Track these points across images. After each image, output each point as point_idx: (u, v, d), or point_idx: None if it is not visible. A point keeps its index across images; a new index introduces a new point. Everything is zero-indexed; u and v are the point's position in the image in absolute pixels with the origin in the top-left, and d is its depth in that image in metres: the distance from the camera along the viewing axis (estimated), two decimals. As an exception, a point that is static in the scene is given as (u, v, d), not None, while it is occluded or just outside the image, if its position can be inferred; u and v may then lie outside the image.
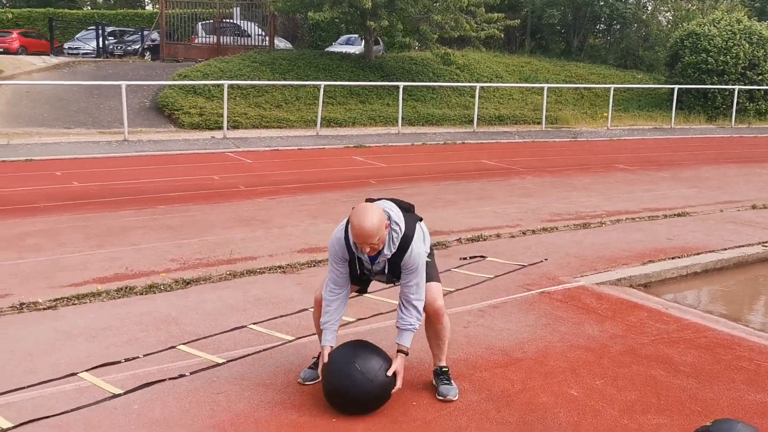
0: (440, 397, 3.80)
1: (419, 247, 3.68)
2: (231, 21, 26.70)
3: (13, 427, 3.44)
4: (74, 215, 8.12)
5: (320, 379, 3.85)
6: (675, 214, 9.00)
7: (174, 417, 3.57)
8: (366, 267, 3.76)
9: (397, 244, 3.62)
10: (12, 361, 4.22)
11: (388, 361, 3.69)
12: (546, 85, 22.16)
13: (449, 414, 3.66)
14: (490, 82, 24.70)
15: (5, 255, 6.51)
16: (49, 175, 10.85)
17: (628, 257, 6.89)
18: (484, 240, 7.46)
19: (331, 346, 3.75)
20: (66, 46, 30.09)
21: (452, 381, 3.89)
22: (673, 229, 8.20)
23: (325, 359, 3.70)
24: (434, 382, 3.92)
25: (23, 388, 3.86)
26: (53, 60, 23.60)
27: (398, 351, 3.72)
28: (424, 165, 13.09)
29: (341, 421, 3.56)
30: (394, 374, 3.66)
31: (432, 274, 3.83)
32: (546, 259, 6.70)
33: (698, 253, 7.12)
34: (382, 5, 20.56)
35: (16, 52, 27.61)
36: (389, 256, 3.65)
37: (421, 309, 3.72)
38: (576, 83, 26.71)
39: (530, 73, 27.90)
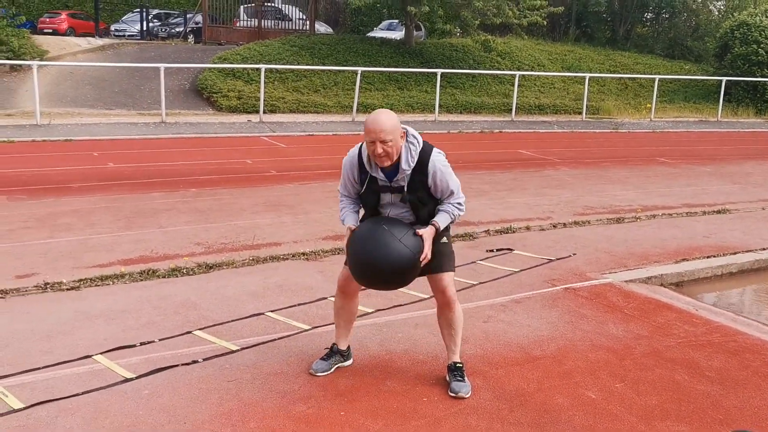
0: (452, 394, 3.72)
1: (440, 157, 3.60)
2: (273, 5, 26.74)
3: (24, 408, 3.47)
4: (106, 196, 8.21)
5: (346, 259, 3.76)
6: (714, 211, 8.72)
7: (182, 404, 3.56)
8: (382, 187, 3.62)
9: (416, 157, 3.52)
10: (31, 340, 4.27)
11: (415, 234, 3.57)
12: (588, 75, 21.72)
13: (460, 411, 3.59)
14: (532, 70, 24.30)
15: (37, 234, 6.61)
16: (86, 155, 11.01)
17: (661, 254, 6.69)
18: (513, 232, 7.32)
19: (355, 226, 3.68)
20: (112, 27, 30.52)
21: (465, 378, 3.81)
22: (711, 226, 7.94)
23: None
24: (447, 377, 3.84)
25: (38, 368, 3.90)
26: (98, 41, 23.93)
27: (429, 224, 3.60)
28: (458, 153, 12.90)
29: (349, 414, 3.51)
30: (420, 244, 3.51)
31: (447, 263, 3.74)
32: (574, 254, 6.54)
33: (735, 253, 6.88)
34: (423, -10, 20.34)
35: (64, 33, 28.08)
36: (409, 171, 3.53)
37: (461, 203, 3.64)
38: (620, 73, 26.13)
39: (573, 61, 27.36)
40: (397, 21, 27.00)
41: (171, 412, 3.48)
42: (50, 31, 28.15)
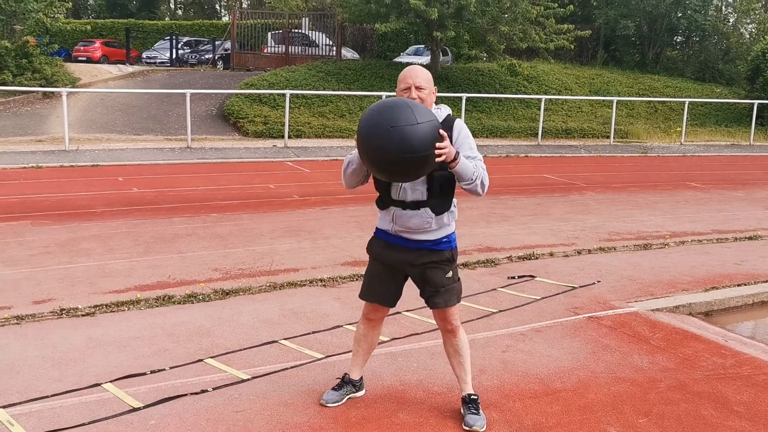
0: (466, 428, 3.58)
1: (465, 127, 3.55)
2: (300, 31, 27.02)
3: (29, 438, 3.41)
4: (128, 221, 8.24)
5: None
6: (746, 237, 8.47)
7: (189, 435, 3.48)
8: None
9: (442, 117, 3.49)
10: (42, 367, 4.23)
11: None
12: (615, 98, 21.49)
13: (474, 447, 3.45)
14: (559, 94, 24.17)
15: (57, 259, 6.63)
16: (111, 180, 11.11)
17: (690, 282, 6.48)
18: (536, 259, 7.17)
19: None
20: (144, 55, 31.14)
21: (480, 410, 3.67)
22: (742, 253, 7.70)
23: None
24: (462, 410, 3.71)
25: (47, 397, 3.85)
26: (128, 69, 24.39)
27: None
28: (482, 178, 12.81)
29: (359, 449, 3.39)
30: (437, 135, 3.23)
31: (452, 298, 3.62)
32: (599, 281, 6.37)
33: (767, 281, 6.64)
34: (449, 16, 20.40)
35: (98, 61, 28.70)
36: None
37: (484, 172, 3.45)
38: (650, 96, 25.86)
39: (601, 85, 27.16)
40: (423, 46, 27.11)
41: (176, 444, 3.40)
42: (84, 58, 28.81)
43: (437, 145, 3.22)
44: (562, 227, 8.76)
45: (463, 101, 18.40)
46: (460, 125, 3.54)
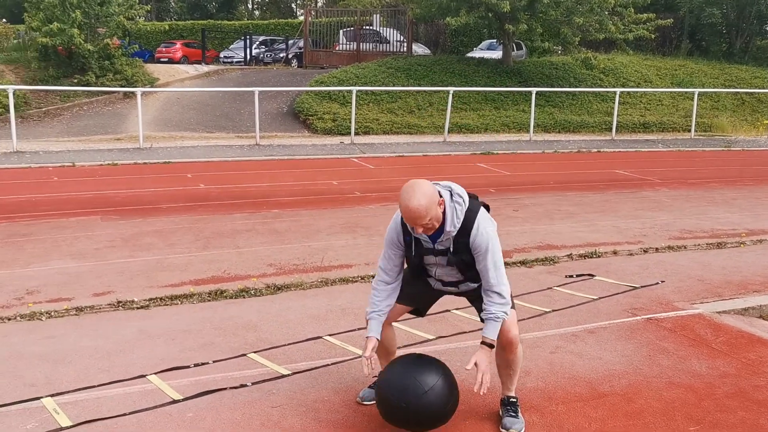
0: (503, 430, 3.47)
1: (487, 224, 3.33)
2: (371, 28, 27.10)
3: (71, 426, 3.50)
4: (191, 216, 8.43)
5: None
6: (830, 236, 7.93)
7: (223, 428, 3.50)
8: (426, 249, 3.41)
9: (461, 218, 3.29)
10: (93, 358, 4.35)
11: (447, 375, 3.36)
12: (697, 90, 20.58)
13: (509, 451, 3.33)
14: (638, 86, 23.35)
15: (120, 253, 6.84)
16: (180, 177, 11.40)
17: (763, 284, 6.11)
18: (598, 257, 6.92)
19: (377, 339, 3.48)
20: (222, 55, 31.94)
21: (519, 413, 3.55)
22: (824, 252, 7.22)
23: (367, 353, 3.41)
24: (500, 411, 3.59)
25: (93, 387, 3.95)
26: (204, 68, 25.04)
27: (481, 343, 3.35)
28: (550, 174, 12.51)
29: (390, 449, 3.33)
30: (454, 387, 3.33)
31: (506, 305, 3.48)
32: (663, 281, 6.08)
33: None
34: (521, 8, 20.03)
35: (179, 62, 29.64)
36: (454, 233, 3.30)
37: (505, 294, 3.33)
38: (737, 87, 24.66)
39: (684, 76, 26.06)
40: (496, 41, 26.72)
41: (210, 437, 3.42)
42: (166, 59, 29.79)
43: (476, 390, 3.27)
44: (630, 225, 8.43)
45: (533, 96, 18.00)
46: (476, 234, 3.29)
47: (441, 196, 3.27)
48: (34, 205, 9.03)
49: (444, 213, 3.28)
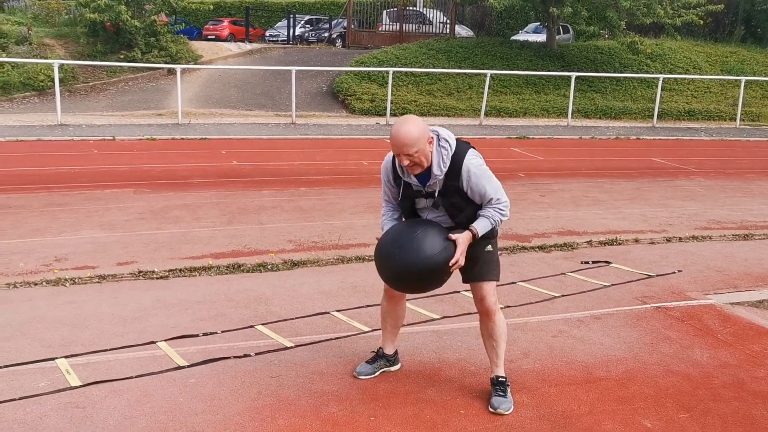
0: (491, 410, 3.54)
1: (475, 159, 3.42)
2: (415, 9, 26.98)
3: (80, 386, 3.69)
4: (220, 191, 8.64)
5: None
6: None
7: (221, 395, 3.65)
8: (416, 192, 3.51)
9: (448, 162, 3.38)
10: (109, 324, 4.55)
11: (440, 230, 3.45)
12: (744, 78, 20.00)
13: (494, 428, 3.41)
14: (687, 73, 22.78)
15: (148, 225, 7.07)
16: (215, 153, 11.64)
17: (783, 276, 6.02)
18: (619, 244, 6.89)
19: None
20: (267, 33, 32.17)
21: (508, 393, 3.62)
22: None
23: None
24: (491, 392, 3.67)
25: (105, 350, 4.15)
26: (247, 46, 25.29)
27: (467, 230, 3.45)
28: (584, 160, 12.40)
29: (379, 420, 3.44)
30: (449, 247, 3.38)
31: (489, 272, 3.57)
32: (679, 271, 6.04)
33: None
34: (566, -9, 19.71)
35: (226, 39, 29.97)
36: (441, 176, 3.40)
37: (504, 206, 3.44)
38: (791, 76, 23.87)
39: (735, 63, 25.32)
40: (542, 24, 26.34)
41: (209, 402, 3.58)
42: (213, 37, 30.12)
43: (450, 263, 3.37)
44: (657, 213, 8.34)
45: (572, 80, 17.76)
46: (467, 170, 3.38)
47: (436, 137, 3.38)
48: (73, 177, 9.36)
49: (430, 156, 3.37)
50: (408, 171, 3.43)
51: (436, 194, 3.45)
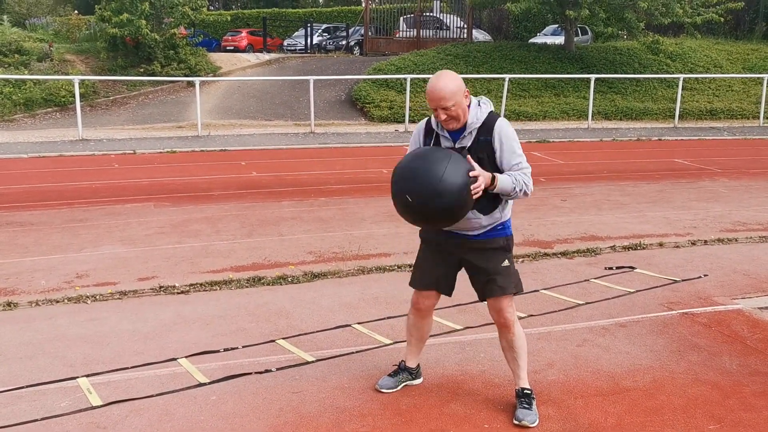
0: (516, 422, 3.48)
1: (508, 127, 3.44)
2: (432, 14, 26.97)
3: (101, 405, 3.69)
4: (240, 203, 8.65)
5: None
6: None
7: (243, 412, 3.62)
8: (445, 147, 3.45)
9: (482, 118, 3.42)
10: (130, 341, 4.55)
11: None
12: (766, 75, 19.68)
13: (519, 443, 3.34)
14: (707, 72, 22.50)
15: (168, 239, 7.09)
16: (234, 165, 11.68)
17: (814, 279, 5.88)
18: (643, 249, 6.78)
19: None
20: (285, 43, 32.36)
21: (533, 405, 3.55)
22: None
23: None
24: (516, 404, 3.61)
25: (126, 368, 4.14)
26: (265, 57, 25.42)
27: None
28: (605, 162, 12.26)
29: (402, 437, 3.39)
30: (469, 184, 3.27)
31: (507, 286, 3.52)
32: (706, 275, 5.92)
33: None
34: (583, -7, 19.57)
35: (244, 50, 30.18)
36: (477, 125, 3.40)
37: (527, 174, 3.41)
38: (814, 73, 23.46)
39: (757, 61, 24.96)
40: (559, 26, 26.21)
41: (229, 420, 3.55)
42: (232, 48, 30.34)
43: (471, 187, 3.25)
44: (681, 216, 8.21)
45: (592, 82, 17.61)
46: (500, 129, 3.42)
47: (467, 92, 3.41)
48: (93, 192, 9.43)
49: (469, 107, 3.41)
50: (444, 126, 3.45)
51: (468, 148, 3.44)
